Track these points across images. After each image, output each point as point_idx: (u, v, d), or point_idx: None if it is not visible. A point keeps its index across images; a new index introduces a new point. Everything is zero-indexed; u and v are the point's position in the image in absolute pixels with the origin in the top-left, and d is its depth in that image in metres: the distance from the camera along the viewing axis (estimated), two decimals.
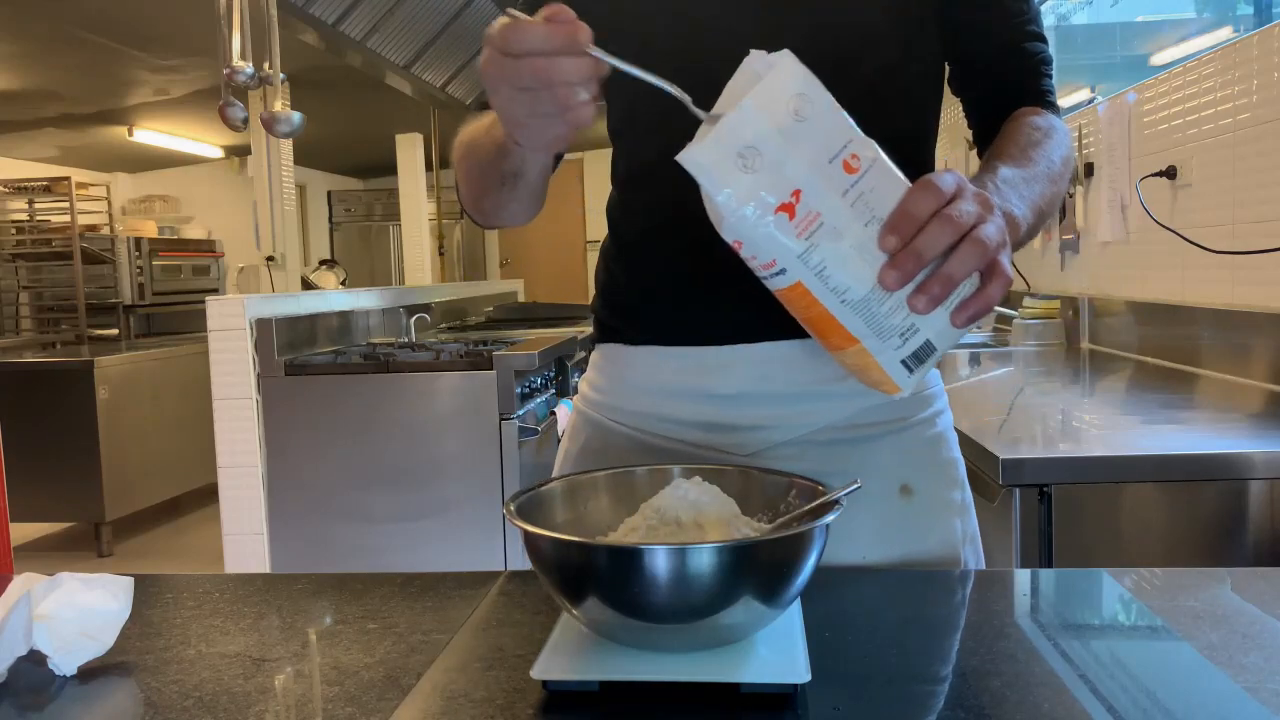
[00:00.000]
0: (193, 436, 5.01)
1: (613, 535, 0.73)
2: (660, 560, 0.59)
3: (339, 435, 3.00)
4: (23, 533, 4.88)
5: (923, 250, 0.65)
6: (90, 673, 0.69)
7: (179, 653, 0.72)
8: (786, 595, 0.63)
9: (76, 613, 0.68)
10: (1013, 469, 1.36)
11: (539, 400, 3.24)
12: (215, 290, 8.14)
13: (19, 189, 7.11)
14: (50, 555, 4.75)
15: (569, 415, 1.11)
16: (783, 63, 0.67)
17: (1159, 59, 3.10)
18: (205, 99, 6.35)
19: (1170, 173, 2.25)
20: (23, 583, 0.69)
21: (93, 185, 7.77)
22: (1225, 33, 2.61)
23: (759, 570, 0.61)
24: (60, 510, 4.75)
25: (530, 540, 0.64)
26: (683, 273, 0.97)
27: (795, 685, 0.60)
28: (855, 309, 0.69)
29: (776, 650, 0.64)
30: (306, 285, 6.00)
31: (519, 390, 3.01)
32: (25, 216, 7.21)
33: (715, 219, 0.69)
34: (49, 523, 5.00)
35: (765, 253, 0.68)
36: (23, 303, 7.32)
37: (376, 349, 3.34)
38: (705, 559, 0.59)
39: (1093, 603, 0.82)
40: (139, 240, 7.31)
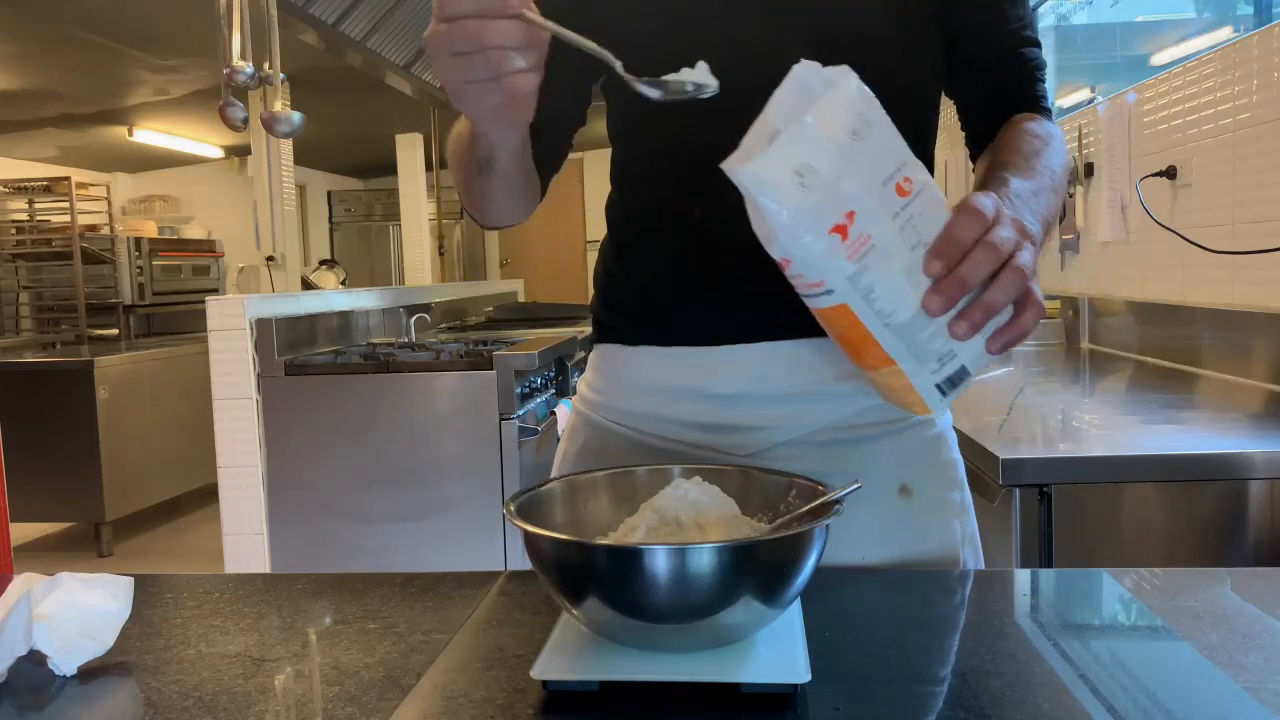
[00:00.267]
0: (193, 436, 5.01)
1: (613, 535, 0.73)
2: (660, 560, 0.59)
3: (339, 435, 3.00)
4: (23, 533, 4.88)
5: (967, 277, 0.65)
6: (90, 673, 0.69)
7: (179, 653, 0.72)
8: (786, 595, 0.63)
9: (76, 613, 0.68)
10: (1013, 469, 1.36)
11: (539, 400, 3.24)
12: (215, 290, 8.14)
13: (19, 189, 7.11)
14: (50, 555, 4.75)
15: (568, 415, 1.11)
16: (844, 80, 0.65)
17: (1159, 59, 3.10)
18: (205, 99, 6.35)
19: (1170, 173, 2.25)
20: (23, 583, 0.69)
21: (93, 185, 7.77)
22: (1225, 33, 2.61)
23: (759, 570, 0.61)
24: (60, 510, 4.75)
25: (530, 540, 0.64)
26: (682, 273, 0.97)
27: (795, 685, 0.60)
28: (897, 332, 0.68)
29: (776, 650, 0.64)
30: (306, 285, 6.00)
31: (519, 390, 3.01)
32: (25, 216, 7.20)
33: (764, 234, 0.68)
34: (49, 523, 5.00)
35: (814, 272, 0.67)
36: (23, 303, 7.32)
37: (376, 349, 3.34)
38: (705, 559, 0.59)
39: (1093, 603, 0.82)
40: (139, 240, 7.31)
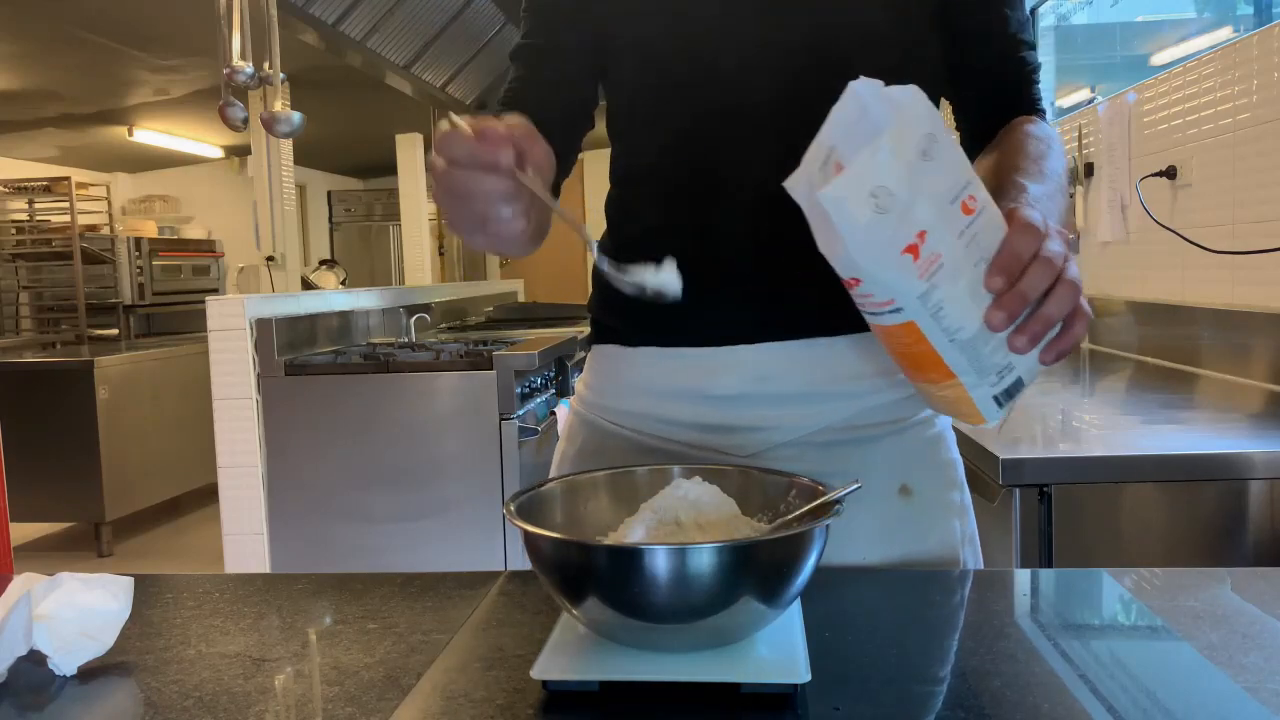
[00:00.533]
0: (193, 436, 5.01)
1: (613, 535, 0.73)
2: (660, 560, 0.59)
3: (339, 435, 3.00)
4: (23, 533, 4.88)
5: (1027, 291, 0.66)
6: (90, 673, 0.69)
7: (179, 653, 0.72)
8: (786, 595, 0.63)
9: (76, 613, 0.68)
10: (1013, 469, 1.36)
11: (539, 400, 3.24)
12: (215, 290, 8.14)
13: (19, 189, 7.11)
14: (50, 555, 4.75)
15: (566, 416, 1.11)
16: (914, 101, 0.66)
17: (1159, 59, 3.10)
18: (205, 99, 6.35)
19: (1170, 173, 2.25)
20: (23, 583, 0.69)
21: (93, 185, 7.77)
22: (1225, 33, 2.61)
23: (759, 570, 0.61)
24: (60, 510, 4.75)
25: (530, 540, 0.64)
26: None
27: (795, 685, 0.60)
28: (961, 348, 0.69)
29: (776, 650, 0.64)
30: (306, 285, 6.00)
31: (519, 390, 3.01)
32: (25, 216, 7.21)
33: (836, 254, 0.68)
34: (49, 523, 5.00)
35: (884, 291, 0.68)
36: (23, 303, 7.32)
37: (376, 349, 3.34)
38: (705, 559, 0.59)
39: (1093, 603, 0.82)
40: (139, 240, 7.31)
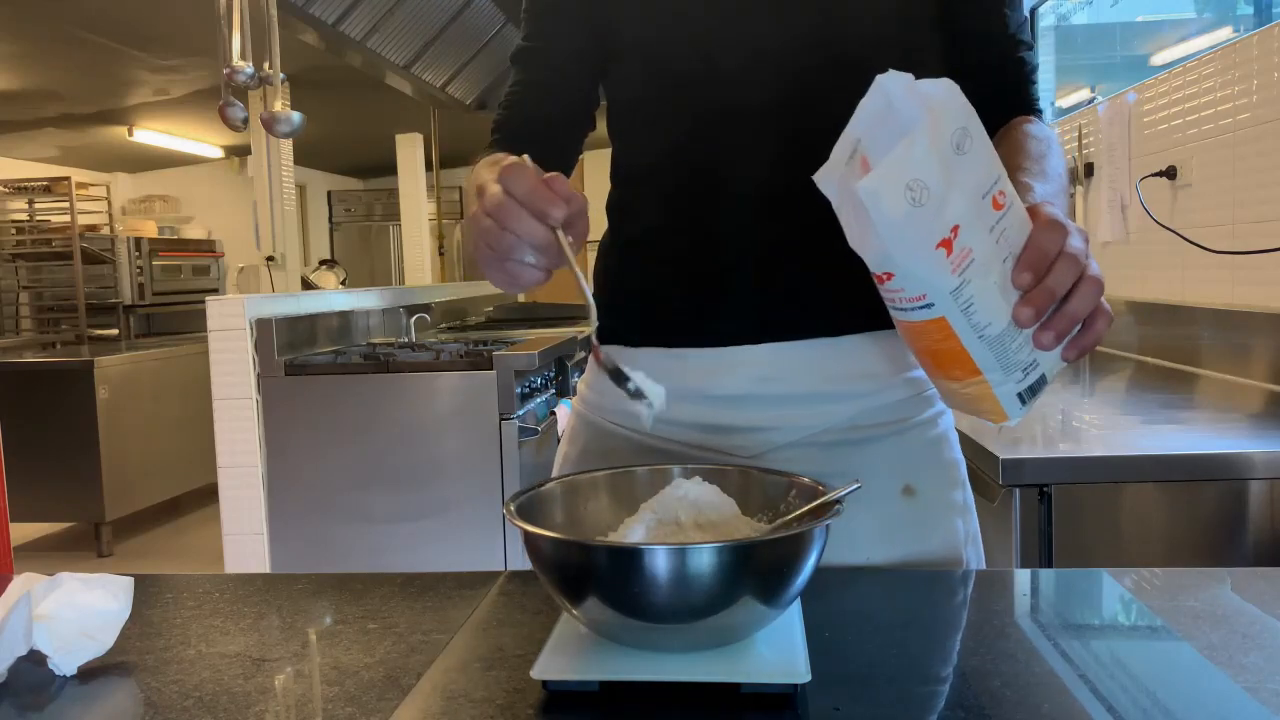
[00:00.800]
0: (193, 436, 5.01)
1: (612, 535, 0.73)
2: (660, 560, 0.59)
3: (339, 435, 3.00)
4: (23, 533, 4.88)
5: (1055, 288, 0.66)
6: (90, 673, 0.69)
7: (179, 653, 0.72)
8: (786, 595, 0.63)
9: (76, 613, 0.68)
10: (1013, 469, 1.36)
11: (539, 400, 3.24)
12: (215, 290, 8.14)
13: (19, 189, 7.11)
14: (50, 555, 4.75)
15: (568, 416, 1.11)
16: (949, 93, 0.65)
17: (1159, 59, 3.10)
18: (205, 99, 6.36)
19: (1170, 173, 2.25)
20: (23, 583, 0.69)
21: (93, 185, 7.77)
22: (1225, 33, 2.61)
23: (759, 570, 0.61)
24: (60, 510, 4.75)
25: (530, 540, 0.63)
26: (684, 273, 0.97)
27: (795, 685, 0.60)
28: (989, 345, 0.69)
29: (776, 650, 0.64)
30: (306, 285, 6.00)
31: (519, 390, 3.01)
32: (25, 216, 7.21)
33: (868, 248, 0.68)
34: (49, 523, 5.00)
35: (916, 286, 0.68)
36: (23, 303, 7.32)
37: (376, 349, 3.34)
38: (705, 559, 0.59)
39: (1093, 603, 0.82)
40: (139, 240, 7.31)
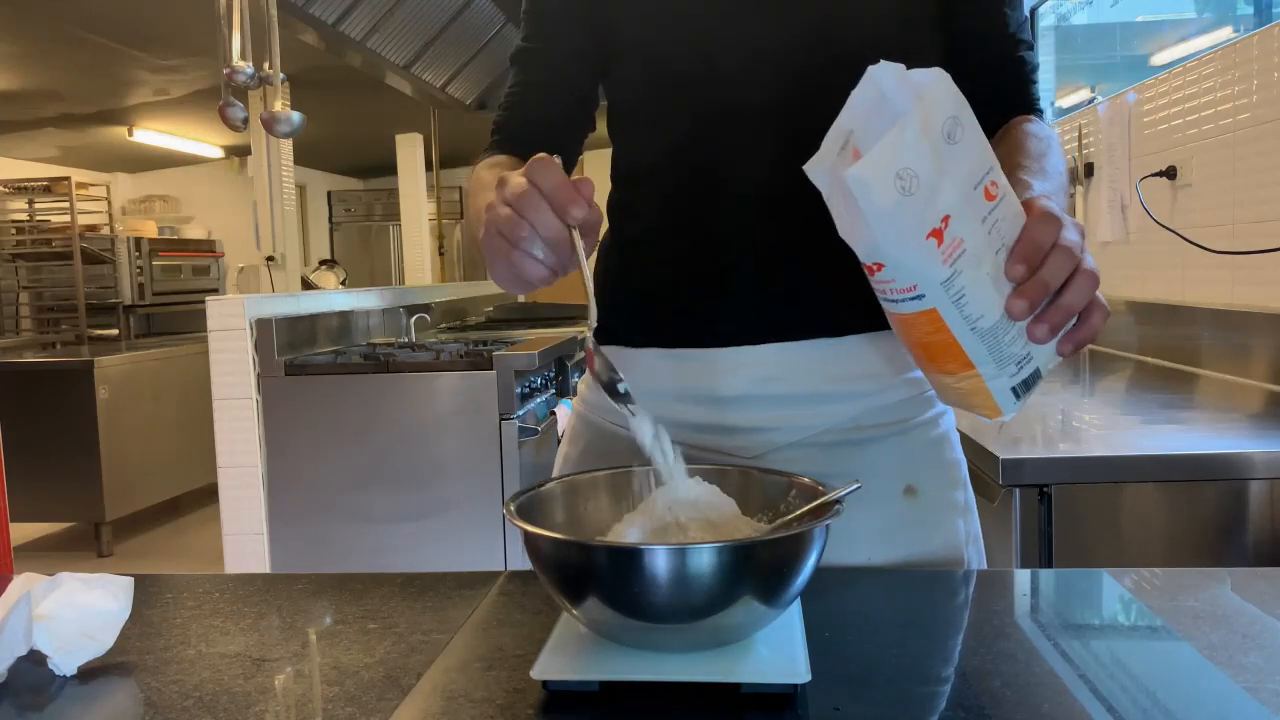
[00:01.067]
0: (193, 436, 5.01)
1: (612, 535, 0.73)
2: (660, 560, 0.59)
3: (339, 435, 3.00)
4: (23, 533, 4.88)
5: (1048, 280, 0.66)
6: (90, 673, 0.69)
7: (179, 653, 0.72)
8: (786, 595, 0.63)
9: (76, 613, 0.68)
10: (1013, 469, 1.36)
11: (539, 400, 3.24)
12: (215, 290, 8.14)
13: (19, 189, 7.11)
14: (50, 555, 4.75)
15: (569, 417, 1.11)
16: (940, 83, 0.65)
17: (1159, 59, 3.10)
18: (205, 99, 6.36)
19: (1170, 173, 2.25)
20: (23, 583, 0.69)
21: (93, 185, 7.77)
22: (1225, 33, 2.61)
23: (759, 570, 0.61)
24: (60, 510, 4.75)
25: (530, 540, 0.63)
26: (685, 274, 0.97)
27: (795, 685, 0.60)
28: (982, 337, 0.68)
29: (776, 650, 0.64)
30: (306, 285, 6.00)
31: (519, 390, 3.01)
32: (25, 216, 7.21)
33: (858, 238, 0.67)
34: (49, 523, 5.00)
35: (907, 277, 0.67)
36: (23, 303, 7.33)
37: (376, 349, 3.34)
38: (705, 559, 0.59)
39: (1093, 603, 0.82)
40: (139, 240, 7.31)
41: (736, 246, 0.94)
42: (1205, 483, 1.35)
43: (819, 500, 0.70)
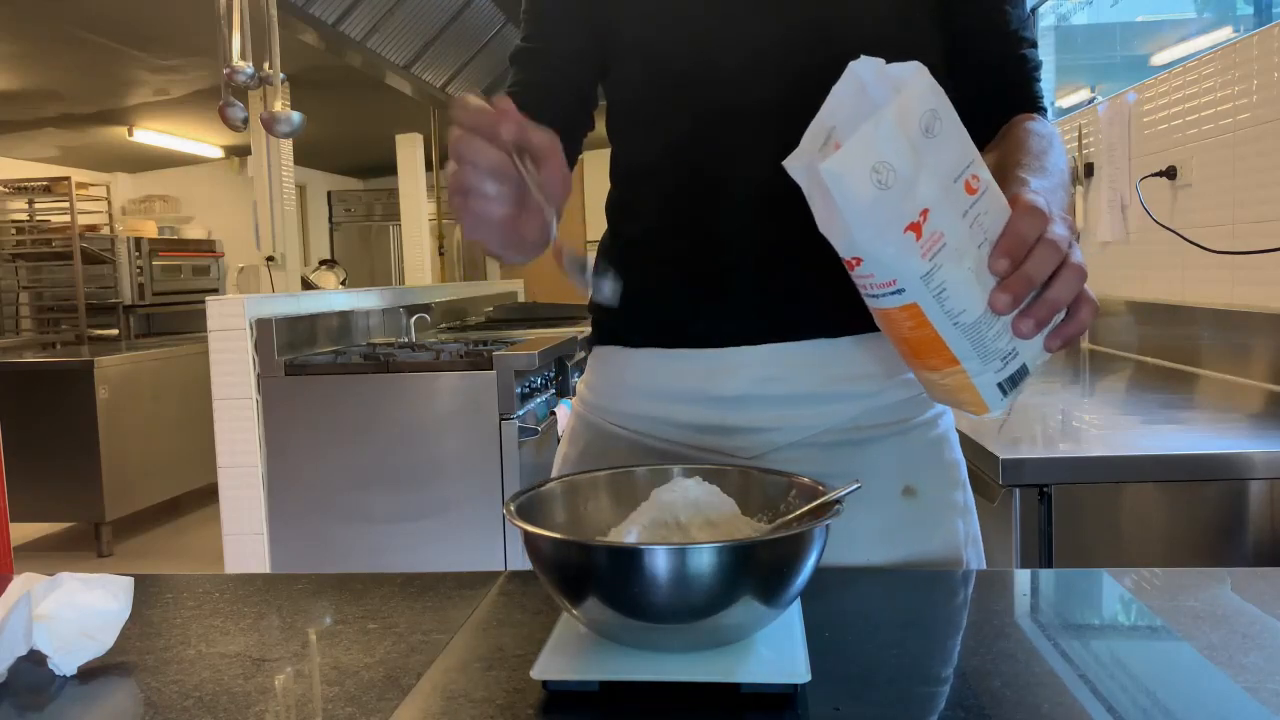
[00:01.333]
0: (193, 436, 5.02)
1: (612, 535, 0.73)
2: (660, 560, 0.59)
3: (339, 435, 3.00)
4: (23, 533, 4.88)
5: (1033, 274, 0.65)
6: (90, 673, 0.69)
7: (179, 653, 0.72)
8: (786, 595, 0.63)
9: (76, 613, 0.68)
10: (1013, 469, 1.36)
11: (539, 400, 3.24)
12: (215, 290, 8.14)
13: (19, 189, 7.11)
14: (50, 555, 4.76)
15: (568, 417, 1.11)
16: (918, 76, 0.64)
17: (1159, 59, 3.10)
18: (205, 99, 6.36)
19: (1170, 173, 2.25)
20: (23, 583, 0.69)
21: (93, 185, 7.77)
22: (1225, 33, 2.61)
23: (759, 570, 0.61)
24: (60, 510, 4.75)
25: (530, 540, 0.63)
26: (684, 274, 0.97)
27: (795, 685, 0.60)
28: (965, 332, 0.68)
29: (776, 650, 0.64)
30: (306, 285, 6.00)
31: (519, 390, 3.01)
32: (25, 216, 7.21)
33: (835, 232, 0.67)
34: (49, 523, 5.00)
35: (886, 272, 0.66)
36: (23, 303, 7.33)
37: (376, 349, 3.34)
38: (705, 559, 0.59)
39: (1093, 603, 0.82)
40: (139, 240, 7.32)
41: (736, 246, 0.94)
42: (1205, 483, 1.35)
43: (819, 500, 0.70)
